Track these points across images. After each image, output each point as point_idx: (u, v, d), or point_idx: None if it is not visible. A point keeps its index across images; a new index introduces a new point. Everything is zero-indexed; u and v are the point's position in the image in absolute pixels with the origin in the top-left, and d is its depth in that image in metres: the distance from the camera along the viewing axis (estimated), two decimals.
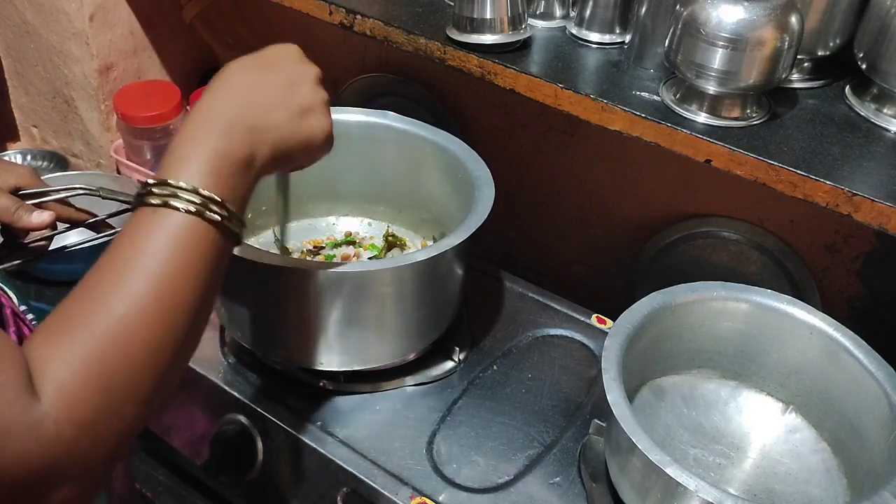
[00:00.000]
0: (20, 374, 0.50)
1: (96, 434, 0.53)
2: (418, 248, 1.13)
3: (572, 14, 1.00)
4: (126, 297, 0.55)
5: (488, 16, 0.92)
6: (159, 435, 1.08)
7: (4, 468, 0.49)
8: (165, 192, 0.57)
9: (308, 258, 1.10)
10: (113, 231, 0.84)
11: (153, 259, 0.56)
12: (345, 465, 0.89)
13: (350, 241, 1.14)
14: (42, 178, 0.80)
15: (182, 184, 0.57)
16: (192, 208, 0.57)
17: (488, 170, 0.99)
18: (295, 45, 0.70)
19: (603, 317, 1.10)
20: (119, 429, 0.55)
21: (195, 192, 0.57)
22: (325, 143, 0.71)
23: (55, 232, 0.78)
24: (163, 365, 0.56)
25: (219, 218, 0.58)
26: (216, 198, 0.58)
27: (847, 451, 0.88)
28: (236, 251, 0.69)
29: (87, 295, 0.55)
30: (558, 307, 1.12)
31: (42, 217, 0.75)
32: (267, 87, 0.66)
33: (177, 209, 0.56)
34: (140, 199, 0.58)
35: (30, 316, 0.71)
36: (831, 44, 0.89)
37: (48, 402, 0.50)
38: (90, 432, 0.52)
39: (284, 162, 0.68)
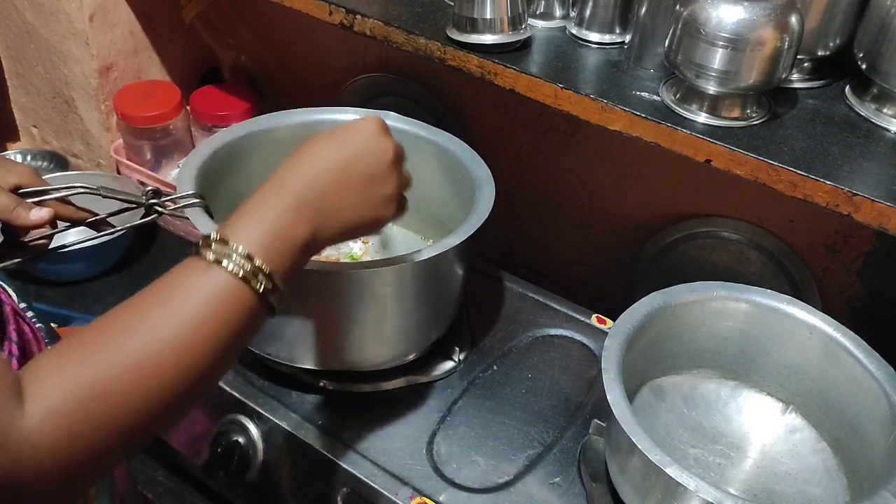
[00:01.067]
0: (5, 390, 0.49)
1: (69, 466, 0.51)
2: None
3: (572, 14, 1.00)
4: (148, 339, 0.54)
5: (488, 16, 0.92)
6: (159, 436, 1.08)
7: None
8: (222, 250, 0.58)
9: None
10: (113, 230, 0.84)
11: (188, 309, 0.56)
12: (345, 465, 0.89)
13: None
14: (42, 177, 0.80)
15: (239, 248, 0.58)
16: (241, 273, 0.58)
17: (488, 170, 0.99)
18: (378, 119, 0.70)
19: (603, 317, 1.10)
20: (94, 466, 0.54)
21: (248, 258, 0.58)
22: (391, 219, 0.72)
23: (55, 231, 0.78)
24: (161, 414, 0.55)
25: (262, 289, 0.59)
26: (265, 269, 0.59)
27: (847, 451, 0.88)
28: None
29: (110, 326, 0.55)
30: (558, 307, 1.12)
31: (41, 214, 0.75)
32: (344, 169, 0.66)
33: (226, 269, 0.57)
34: (196, 249, 0.58)
35: (30, 313, 0.70)
36: (831, 44, 0.89)
37: (33, 424, 0.49)
38: (64, 463, 0.51)
39: (346, 239, 0.70)
